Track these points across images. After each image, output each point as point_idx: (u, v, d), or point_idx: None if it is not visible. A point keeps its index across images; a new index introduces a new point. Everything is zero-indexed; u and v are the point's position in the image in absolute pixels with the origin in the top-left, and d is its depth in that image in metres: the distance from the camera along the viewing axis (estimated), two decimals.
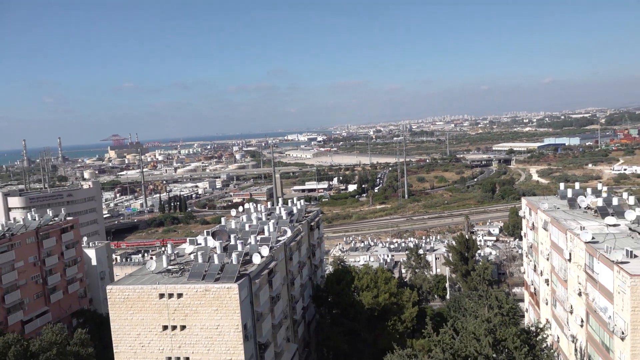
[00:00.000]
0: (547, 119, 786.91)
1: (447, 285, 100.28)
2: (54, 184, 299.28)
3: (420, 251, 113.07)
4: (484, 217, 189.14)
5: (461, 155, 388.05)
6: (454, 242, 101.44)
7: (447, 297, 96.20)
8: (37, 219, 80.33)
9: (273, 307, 49.59)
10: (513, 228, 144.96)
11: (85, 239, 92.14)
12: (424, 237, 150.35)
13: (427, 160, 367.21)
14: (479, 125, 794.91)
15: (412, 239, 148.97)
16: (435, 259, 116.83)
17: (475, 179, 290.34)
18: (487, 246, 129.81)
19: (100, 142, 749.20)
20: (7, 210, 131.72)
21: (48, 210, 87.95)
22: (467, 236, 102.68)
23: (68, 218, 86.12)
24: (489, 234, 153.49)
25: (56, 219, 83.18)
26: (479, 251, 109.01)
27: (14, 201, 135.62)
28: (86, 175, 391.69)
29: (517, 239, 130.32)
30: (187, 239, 58.55)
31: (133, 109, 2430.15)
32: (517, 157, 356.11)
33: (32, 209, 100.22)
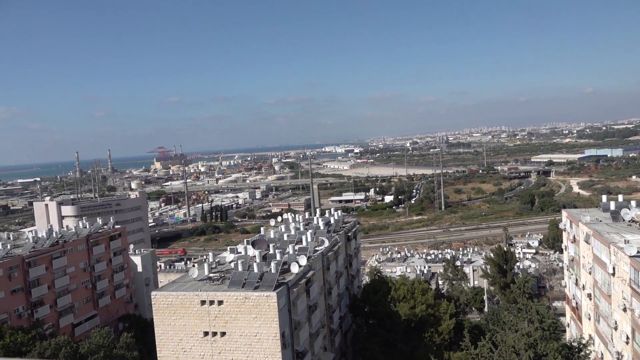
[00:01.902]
0: (588, 129, 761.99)
1: (485, 297, 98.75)
2: (104, 194, 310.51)
3: (458, 263, 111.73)
4: (523, 229, 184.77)
5: (499, 167, 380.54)
6: (492, 254, 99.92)
7: (485, 309, 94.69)
8: (87, 226, 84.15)
9: (310, 316, 50.46)
10: (553, 241, 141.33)
11: (131, 246, 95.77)
12: (461, 249, 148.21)
13: (465, 172, 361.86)
14: (517, 137, 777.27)
15: (449, 250, 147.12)
16: (473, 270, 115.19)
17: (514, 191, 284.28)
18: (526, 259, 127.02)
19: (147, 154, 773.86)
20: (61, 218, 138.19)
21: (98, 218, 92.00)
22: (505, 248, 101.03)
23: (116, 226, 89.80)
24: (528, 246, 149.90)
25: (105, 227, 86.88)
26: (517, 264, 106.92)
27: (67, 210, 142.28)
28: (133, 185, 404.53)
29: (557, 252, 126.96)
30: (228, 248, 60.37)
31: (177, 122, 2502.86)
32: (556, 168, 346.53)
33: (83, 217, 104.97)
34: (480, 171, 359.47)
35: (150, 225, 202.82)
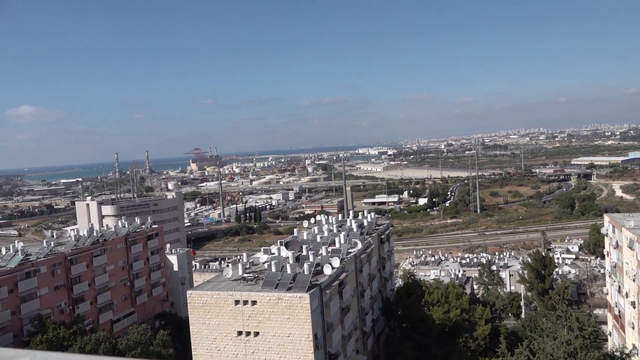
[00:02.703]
0: (631, 131, 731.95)
1: (522, 303, 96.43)
2: (142, 194, 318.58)
3: (493, 267, 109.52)
4: (562, 234, 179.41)
5: (537, 170, 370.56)
6: (529, 259, 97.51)
7: (522, 315, 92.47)
8: (126, 226, 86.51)
9: (343, 318, 50.45)
10: (594, 246, 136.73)
11: (168, 245, 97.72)
12: (497, 253, 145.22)
13: (501, 174, 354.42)
14: (556, 139, 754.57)
15: (484, 254, 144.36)
16: (509, 275, 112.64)
17: (553, 194, 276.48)
18: (566, 264, 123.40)
19: (183, 155, 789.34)
20: (101, 217, 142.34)
21: (136, 218, 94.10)
22: (543, 253, 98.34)
23: (153, 226, 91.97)
24: (568, 251, 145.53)
25: (143, 226, 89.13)
26: (556, 269, 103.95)
27: (107, 209, 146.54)
28: (170, 186, 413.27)
29: (598, 258, 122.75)
30: (262, 249, 60.98)
31: (213, 124, 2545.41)
32: (598, 171, 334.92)
33: (122, 217, 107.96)
34: (518, 174, 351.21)
35: (186, 225, 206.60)
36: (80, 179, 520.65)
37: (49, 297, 67.18)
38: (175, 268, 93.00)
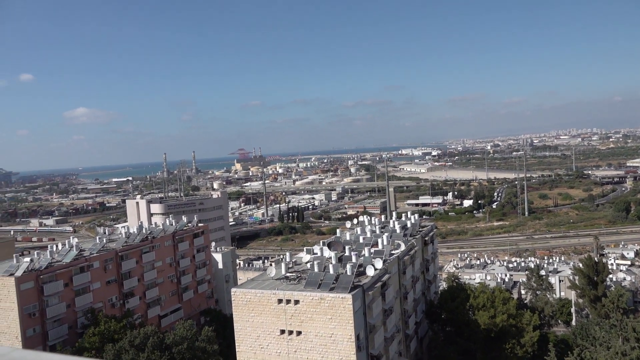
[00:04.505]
0: None
1: (572, 310, 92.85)
2: (188, 193, 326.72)
3: (542, 272, 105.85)
4: (616, 239, 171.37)
5: (589, 172, 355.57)
6: (580, 265, 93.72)
7: (573, 323, 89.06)
8: (173, 224, 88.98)
9: (386, 320, 50.10)
10: None
11: (213, 244, 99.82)
12: (546, 258, 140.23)
13: (551, 176, 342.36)
14: (611, 140, 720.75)
15: (532, 258, 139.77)
16: (559, 281, 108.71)
17: (606, 197, 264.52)
18: (620, 271, 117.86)
19: (228, 156, 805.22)
20: (150, 215, 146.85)
21: (183, 216, 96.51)
22: (596, 258, 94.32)
23: (199, 224, 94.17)
24: (622, 257, 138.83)
25: (189, 224, 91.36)
26: (610, 275, 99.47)
27: (155, 208, 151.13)
28: (215, 185, 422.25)
29: None
30: (304, 248, 61.32)
31: (257, 124, 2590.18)
32: None
33: (170, 215, 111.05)
34: (569, 176, 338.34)
35: (230, 224, 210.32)
36: (130, 178, 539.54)
37: (101, 291, 69.98)
38: (220, 266, 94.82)
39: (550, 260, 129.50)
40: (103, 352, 56.39)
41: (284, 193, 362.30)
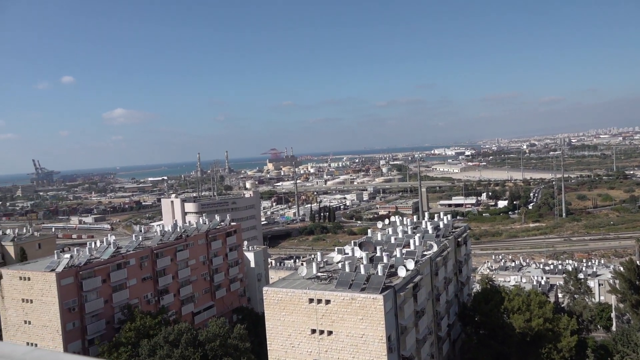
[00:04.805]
0: None
1: (612, 315, 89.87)
2: (221, 193, 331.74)
3: (580, 275, 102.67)
4: None
5: (631, 172, 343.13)
6: (621, 268, 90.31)
7: (613, 328, 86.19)
8: (207, 223, 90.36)
9: (417, 322, 49.63)
10: None
11: (245, 243, 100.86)
12: (584, 260, 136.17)
13: (590, 177, 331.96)
14: None
15: (570, 261, 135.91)
16: (599, 285, 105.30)
17: None
18: None
19: (260, 155, 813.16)
20: (184, 214, 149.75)
21: (216, 215, 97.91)
22: (638, 262, 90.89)
23: (232, 223, 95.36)
24: None
25: (222, 223, 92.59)
26: None
27: (189, 206, 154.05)
28: (248, 185, 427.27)
29: None
30: (336, 248, 61.30)
31: (289, 124, 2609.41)
32: None
33: (203, 214, 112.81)
34: (609, 176, 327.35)
35: (262, 223, 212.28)
36: (165, 178, 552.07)
37: (137, 288, 71.74)
38: (252, 265, 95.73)
39: (589, 263, 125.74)
40: (139, 347, 57.83)
41: (315, 193, 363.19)
